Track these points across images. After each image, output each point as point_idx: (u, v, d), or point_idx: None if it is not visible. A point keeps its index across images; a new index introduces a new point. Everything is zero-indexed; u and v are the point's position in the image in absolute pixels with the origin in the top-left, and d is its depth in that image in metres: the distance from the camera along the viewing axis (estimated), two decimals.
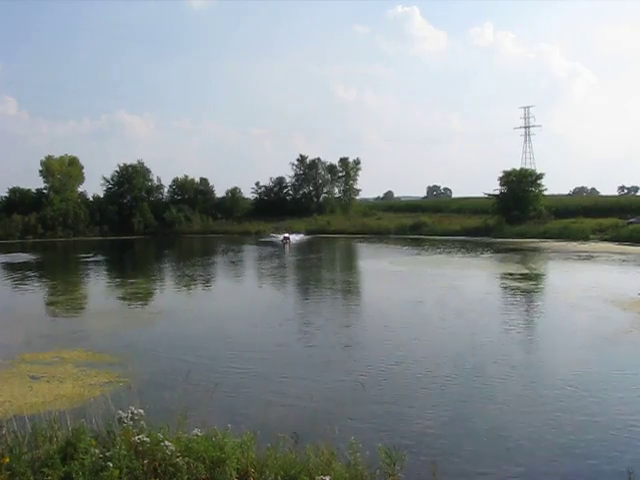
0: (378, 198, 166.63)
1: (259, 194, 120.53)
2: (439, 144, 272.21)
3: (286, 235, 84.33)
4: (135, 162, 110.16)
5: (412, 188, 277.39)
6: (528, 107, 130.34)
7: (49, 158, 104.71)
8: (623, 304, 27.75)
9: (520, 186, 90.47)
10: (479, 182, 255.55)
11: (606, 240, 72.50)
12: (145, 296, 38.16)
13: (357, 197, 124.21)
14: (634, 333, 21.82)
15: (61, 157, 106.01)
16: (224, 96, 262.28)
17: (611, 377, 18.06)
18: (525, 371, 19.32)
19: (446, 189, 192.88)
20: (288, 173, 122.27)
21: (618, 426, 14.06)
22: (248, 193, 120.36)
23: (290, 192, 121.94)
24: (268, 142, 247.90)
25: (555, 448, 12.94)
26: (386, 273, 46.24)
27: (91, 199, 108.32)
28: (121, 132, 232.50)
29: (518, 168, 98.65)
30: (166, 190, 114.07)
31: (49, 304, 35.07)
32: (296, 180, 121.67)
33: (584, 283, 37.84)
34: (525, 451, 12.84)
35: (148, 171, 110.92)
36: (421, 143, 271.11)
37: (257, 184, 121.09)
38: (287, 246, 78.21)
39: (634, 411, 15.14)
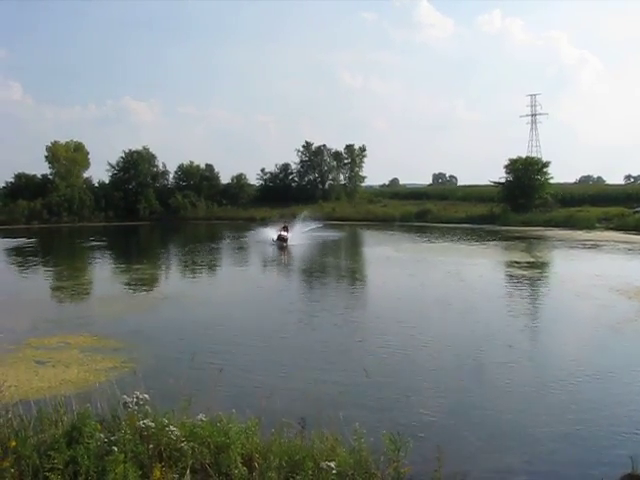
0: (384, 185, 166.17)
1: (264, 180, 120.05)
2: (445, 131, 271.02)
3: (282, 234, 58.35)
4: (140, 148, 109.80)
5: (418, 175, 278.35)
6: (535, 95, 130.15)
7: (55, 144, 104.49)
8: (628, 293, 27.75)
9: (526, 174, 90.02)
10: (485, 170, 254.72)
11: (612, 229, 72.23)
12: (150, 282, 38.25)
13: (362, 184, 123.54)
14: (639, 322, 21.81)
15: (66, 143, 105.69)
16: (230, 82, 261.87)
17: (615, 366, 18.08)
18: (529, 359, 19.36)
19: (452, 177, 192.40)
20: (293, 160, 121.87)
21: (621, 414, 14.09)
22: (253, 179, 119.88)
23: (295, 179, 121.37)
24: (273, 128, 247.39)
25: (558, 435, 12.98)
26: (391, 260, 46.23)
27: (96, 185, 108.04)
28: (127, 118, 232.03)
29: (524, 156, 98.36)
30: (171, 176, 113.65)
31: (54, 289, 35.19)
32: (301, 167, 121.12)
33: (589, 272, 37.78)
34: (529, 438, 12.87)
35: (153, 157, 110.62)
36: (427, 130, 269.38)
37: (262, 170, 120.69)
38: (282, 251, 55.02)
39: (637, 399, 15.17)
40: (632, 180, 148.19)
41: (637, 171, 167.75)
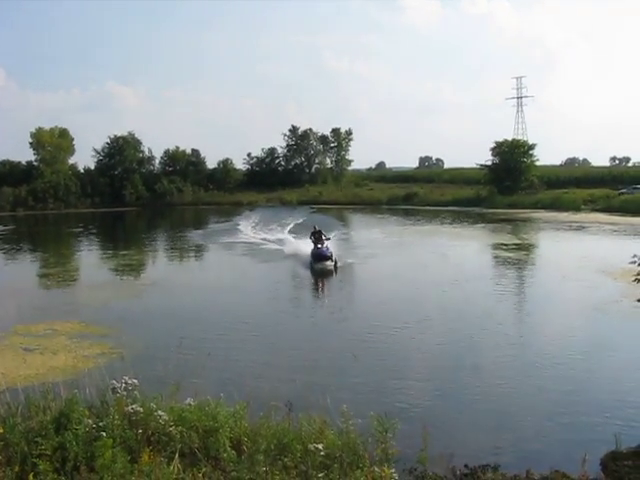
0: (370, 169, 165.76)
1: (251, 165, 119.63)
2: (431, 114, 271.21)
3: (322, 249, 34.76)
4: (126, 133, 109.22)
5: (404, 159, 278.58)
6: (521, 77, 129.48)
7: (39, 130, 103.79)
8: (614, 274, 27.91)
9: (512, 157, 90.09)
10: (471, 152, 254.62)
11: (597, 210, 72.49)
12: (137, 268, 38.21)
13: (349, 168, 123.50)
14: (623, 302, 21.93)
15: (51, 129, 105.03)
16: (215, 66, 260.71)
17: (600, 345, 18.25)
18: (516, 339, 19.50)
19: (438, 160, 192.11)
20: (280, 144, 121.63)
21: (606, 393, 14.26)
22: (240, 164, 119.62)
23: (282, 163, 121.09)
24: (260, 112, 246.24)
25: (544, 415, 13.12)
26: (378, 243, 46.24)
27: (82, 171, 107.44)
28: (111, 103, 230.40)
29: (510, 139, 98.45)
30: (157, 161, 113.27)
31: (41, 276, 35.08)
32: (288, 151, 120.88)
33: (575, 253, 38.02)
34: (515, 418, 13.02)
35: (139, 142, 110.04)
36: (413, 113, 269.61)
37: (249, 155, 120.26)
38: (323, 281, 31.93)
39: (621, 378, 15.33)
40: (617, 162, 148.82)
41: (622, 153, 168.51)
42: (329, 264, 33.18)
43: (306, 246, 36.87)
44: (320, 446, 7.90)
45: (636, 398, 13.72)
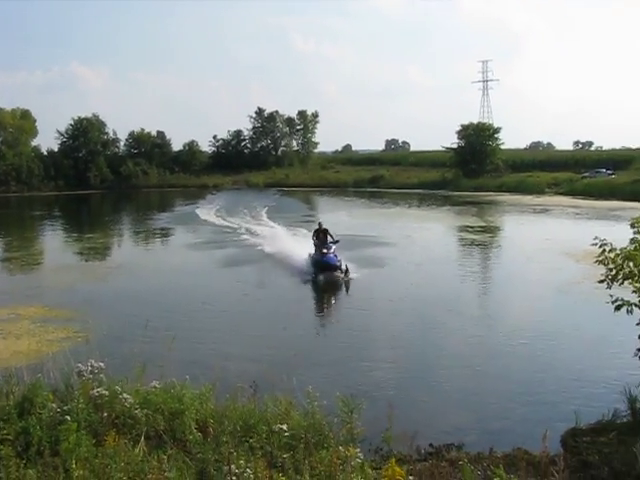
0: (336, 151, 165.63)
1: (217, 147, 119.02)
2: (398, 97, 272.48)
3: (328, 254, 26.89)
4: (90, 115, 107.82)
5: (370, 141, 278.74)
6: (486, 61, 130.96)
7: (0, 111, 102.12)
8: (576, 256, 28.28)
9: (477, 140, 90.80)
10: (438, 135, 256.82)
11: (561, 194, 73.40)
12: (102, 251, 37.92)
13: (315, 150, 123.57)
14: (585, 284, 22.24)
15: (12, 110, 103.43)
16: (181, 47, 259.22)
17: (562, 326, 18.52)
18: (481, 321, 19.73)
19: (404, 142, 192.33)
20: (246, 126, 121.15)
21: (567, 372, 14.49)
22: (206, 146, 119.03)
23: (248, 145, 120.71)
24: (226, 94, 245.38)
25: (507, 394, 13.31)
26: (344, 226, 46.23)
27: (45, 153, 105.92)
28: (75, 84, 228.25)
29: (476, 122, 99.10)
30: (122, 144, 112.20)
31: (4, 260, 34.54)
32: (254, 133, 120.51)
33: (539, 236, 38.46)
34: (479, 398, 13.17)
35: (103, 124, 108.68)
36: (380, 96, 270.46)
37: (215, 137, 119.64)
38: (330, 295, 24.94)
39: (581, 358, 15.60)
40: (580, 146, 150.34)
41: (585, 137, 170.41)
42: (337, 274, 26.27)
43: (295, 243, 32.93)
44: (285, 427, 7.96)
45: (595, 377, 13.98)
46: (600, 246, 11.86)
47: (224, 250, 35.33)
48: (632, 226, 12.11)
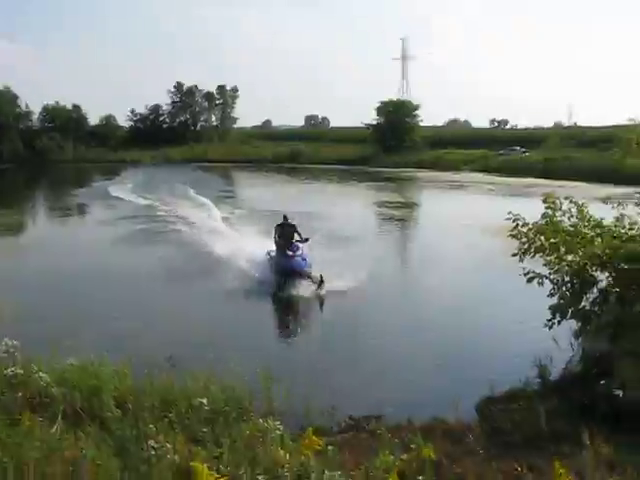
0: (256, 127, 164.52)
1: (135, 122, 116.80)
2: (318, 73, 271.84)
3: (292, 256, 20.64)
4: (1, 87, 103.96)
5: (290, 117, 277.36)
6: (406, 38, 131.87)
7: None
8: (491, 231, 28.94)
9: (397, 117, 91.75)
10: (358, 112, 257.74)
11: (477, 171, 74.83)
12: (15, 227, 36.76)
13: (235, 126, 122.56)
14: (500, 258, 22.77)
15: None
16: (99, 18, 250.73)
17: (479, 299, 19.00)
18: (398, 296, 20.04)
19: (324, 118, 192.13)
20: (164, 100, 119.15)
21: (482, 344, 14.90)
22: (123, 121, 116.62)
23: (167, 120, 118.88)
24: (143, 67, 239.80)
25: (425, 367, 13.60)
26: (265, 201, 46.04)
27: None
28: None
29: (395, 99, 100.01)
30: (36, 117, 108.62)
31: None
32: (172, 108, 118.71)
33: (456, 211, 39.27)
34: (397, 371, 13.42)
35: (15, 97, 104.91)
36: (300, 71, 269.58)
37: (132, 112, 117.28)
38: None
39: (496, 329, 16.04)
40: (496, 124, 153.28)
41: (501, 115, 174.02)
42: (310, 287, 19.54)
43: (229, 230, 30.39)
44: (205, 401, 7.96)
45: (509, 348, 14.42)
46: (513, 221, 12.30)
47: (142, 227, 34.76)
48: (544, 202, 12.59)
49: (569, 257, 12.06)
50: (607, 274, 12.05)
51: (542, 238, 12.18)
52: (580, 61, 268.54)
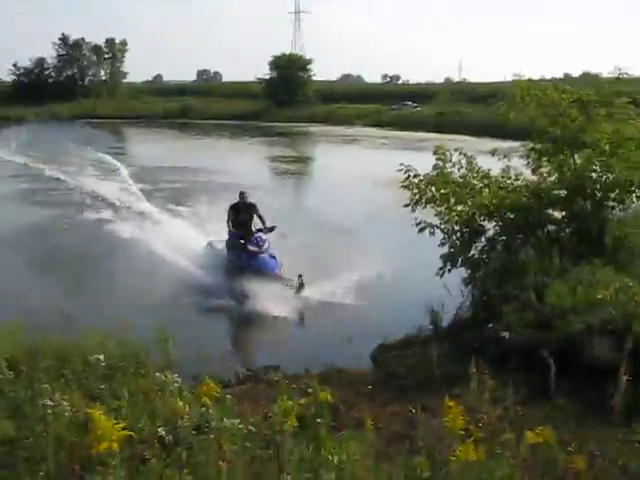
0: (146, 82, 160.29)
1: (18, 76, 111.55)
2: (211, 26, 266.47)
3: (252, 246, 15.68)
4: None
5: (182, 72, 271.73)
6: None
7: None
8: (384, 183, 29.36)
9: (289, 71, 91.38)
10: (251, 66, 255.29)
11: (369, 125, 75.65)
12: None
13: (124, 80, 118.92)
14: (393, 210, 23.14)
15: None
16: None
17: (373, 250, 19.22)
18: (288, 247, 20.08)
19: (216, 73, 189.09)
20: (50, 54, 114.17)
21: (378, 294, 15.20)
22: (4, 75, 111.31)
23: (52, 75, 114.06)
24: (23, 19, 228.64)
25: (318, 321, 13.82)
26: (156, 156, 45.15)
27: None
28: None
29: (288, 53, 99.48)
30: None
31: None
32: (58, 62, 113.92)
33: (350, 165, 39.66)
34: (289, 325, 13.59)
35: None
36: (192, 24, 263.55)
37: (15, 65, 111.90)
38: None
39: (392, 278, 16.32)
40: (389, 79, 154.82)
41: (393, 71, 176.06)
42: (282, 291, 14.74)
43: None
44: (101, 357, 7.86)
45: (403, 297, 14.80)
46: (405, 172, 12.58)
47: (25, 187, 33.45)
48: (434, 154, 12.94)
49: (459, 207, 12.48)
50: (494, 223, 12.58)
51: (433, 189, 12.54)
52: (469, 20, 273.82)
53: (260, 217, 16.28)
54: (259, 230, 15.93)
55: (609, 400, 6.20)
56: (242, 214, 16.21)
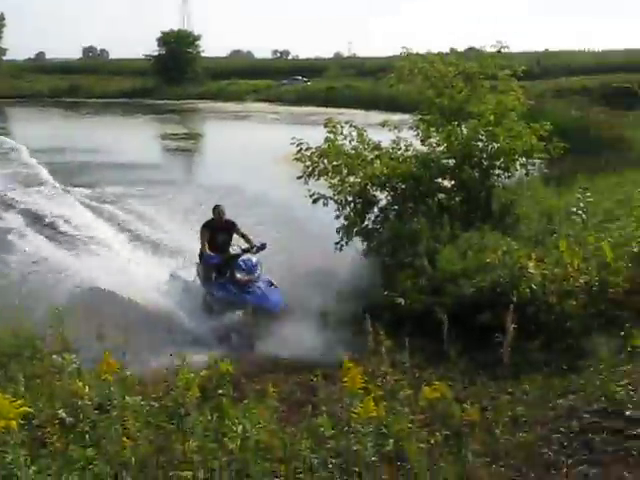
0: (29, 59, 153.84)
1: None
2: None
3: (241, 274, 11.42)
4: None
5: (66, 49, 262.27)
6: None
7: None
8: (277, 158, 29.38)
9: (178, 47, 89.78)
10: (139, 43, 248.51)
11: (261, 101, 75.40)
12: None
13: (4, 57, 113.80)
14: (286, 183, 23.19)
15: None
16: None
17: (266, 224, 19.17)
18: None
19: (103, 50, 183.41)
20: None
21: (278, 267, 15.26)
22: None
23: None
24: None
25: None
26: (46, 137, 43.51)
27: None
28: None
29: (177, 29, 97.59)
30: None
31: None
32: None
33: (241, 141, 39.34)
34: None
35: None
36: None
37: None
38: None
39: (292, 251, 16.35)
40: (279, 55, 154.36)
41: (283, 46, 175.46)
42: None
43: None
44: None
45: (301, 269, 14.86)
46: (297, 145, 12.69)
47: None
48: (326, 126, 13.11)
49: (351, 179, 12.69)
50: (386, 193, 12.87)
51: (325, 161, 12.70)
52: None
53: (243, 236, 12.47)
54: (245, 251, 11.97)
55: (499, 355, 6.51)
56: (220, 234, 12.37)
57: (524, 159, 12.99)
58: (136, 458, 4.09)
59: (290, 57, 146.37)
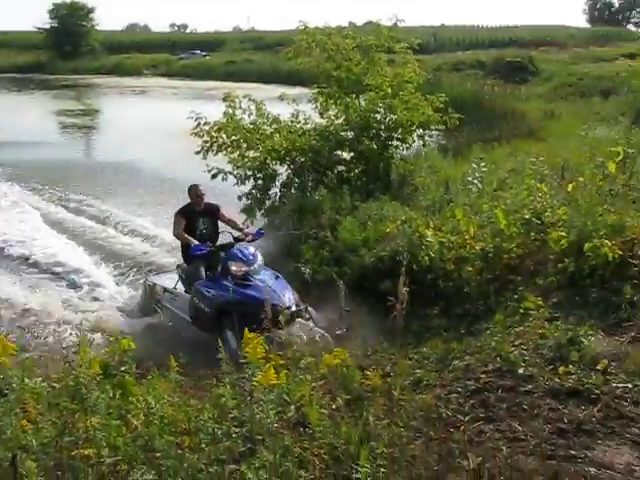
0: None
1: None
2: None
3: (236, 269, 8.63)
4: None
5: None
6: None
7: None
8: (176, 134, 28.93)
9: (72, 20, 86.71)
10: (29, 14, 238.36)
11: (159, 75, 73.99)
12: None
13: None
14: (187, 155, 22.89)
15: None
16: None
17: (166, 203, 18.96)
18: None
19: None
20: None
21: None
22: None
23: None
24: None
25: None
26: None
27: None
28: None
29: (68, 1, 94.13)
30: None
31: None
32: None
33: (140, 116, 38.57)
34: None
35: None
36: None
37: None
38: None
39: None
40: (176, 28, 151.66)
41: (181, 20, 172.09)
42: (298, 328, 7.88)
43: None
44: None
45: None
46: (196, 119, 12.58)
47: None
48: (224, 100, 13.05)
49: (250, 153, 12.67)
50: (286, 167, 12.92)
51: (224, 135, 12.64)
52: None
53: (230, 222, 10.00)
54: (237, 240, 9.51)
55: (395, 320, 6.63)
56: (200, 221, 9.80)
57: (421, 130, 13.29)
58: (38, 441, 4.01)
59: (188, 31, 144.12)
